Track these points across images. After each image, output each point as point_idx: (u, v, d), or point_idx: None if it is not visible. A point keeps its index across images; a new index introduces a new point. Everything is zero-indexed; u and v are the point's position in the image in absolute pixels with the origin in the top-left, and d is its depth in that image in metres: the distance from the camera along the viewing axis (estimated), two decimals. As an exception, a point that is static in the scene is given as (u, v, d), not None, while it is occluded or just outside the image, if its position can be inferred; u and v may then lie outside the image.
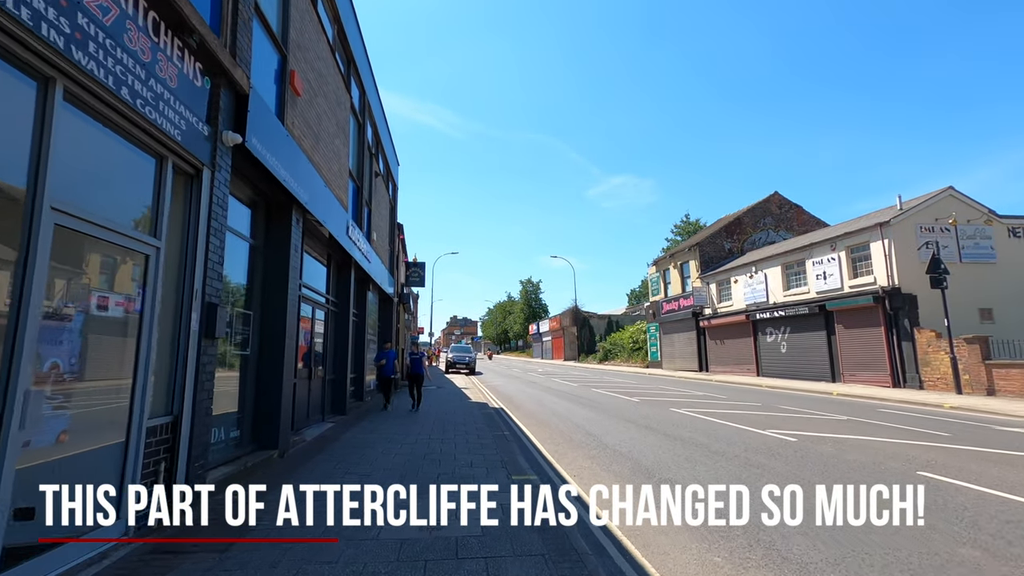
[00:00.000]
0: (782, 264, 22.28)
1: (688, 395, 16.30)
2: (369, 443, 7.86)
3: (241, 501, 3.75)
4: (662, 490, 4.58)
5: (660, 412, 12.11)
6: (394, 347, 18.65)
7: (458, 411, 12.32)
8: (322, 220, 8.39)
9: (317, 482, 4.16)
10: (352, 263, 11.60)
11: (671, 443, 8.09)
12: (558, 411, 12.79)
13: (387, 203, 16.98)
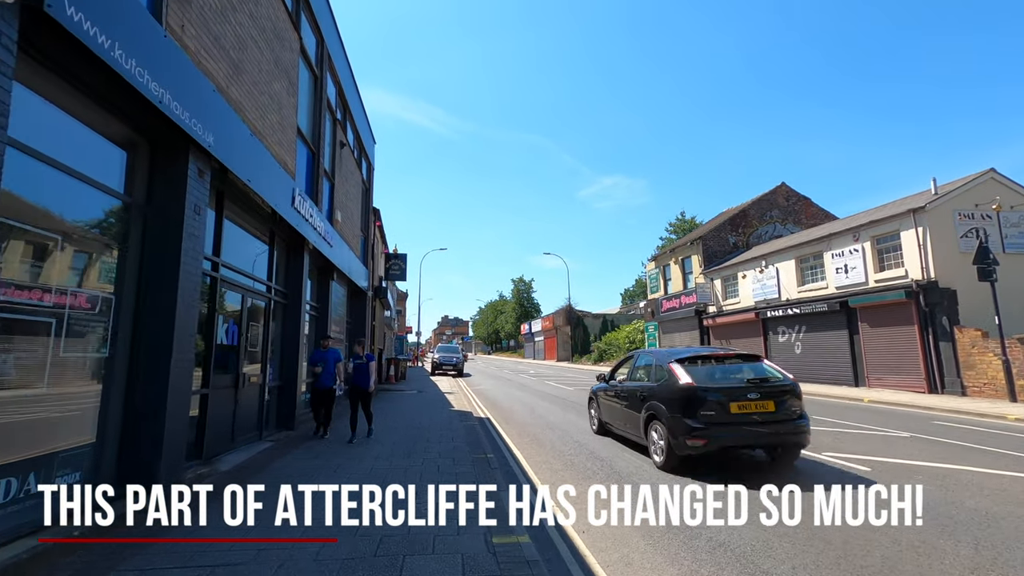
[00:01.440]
0: (796, 257, 20.48)
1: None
2: (304, 474, 5.82)
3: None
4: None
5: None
6: (369, 349, 16.61)
7: (436, 423, 10.30)
8: (248, 179, 6.35)
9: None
10: (306, 246, 9.55)
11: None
12: (554, 422, 10.82)
13: (359, 183, 14.91)
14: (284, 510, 4.01)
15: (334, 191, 11.65)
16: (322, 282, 11.82)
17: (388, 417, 11.13)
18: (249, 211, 7.56)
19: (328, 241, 10.71)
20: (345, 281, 13.70)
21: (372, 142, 17.23)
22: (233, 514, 3.93)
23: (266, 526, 4.05)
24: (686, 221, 69.31)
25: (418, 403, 14.19)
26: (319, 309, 11.66)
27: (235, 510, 3.95)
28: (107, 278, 4.63)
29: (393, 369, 22.54)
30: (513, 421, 11.40)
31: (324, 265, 11.69)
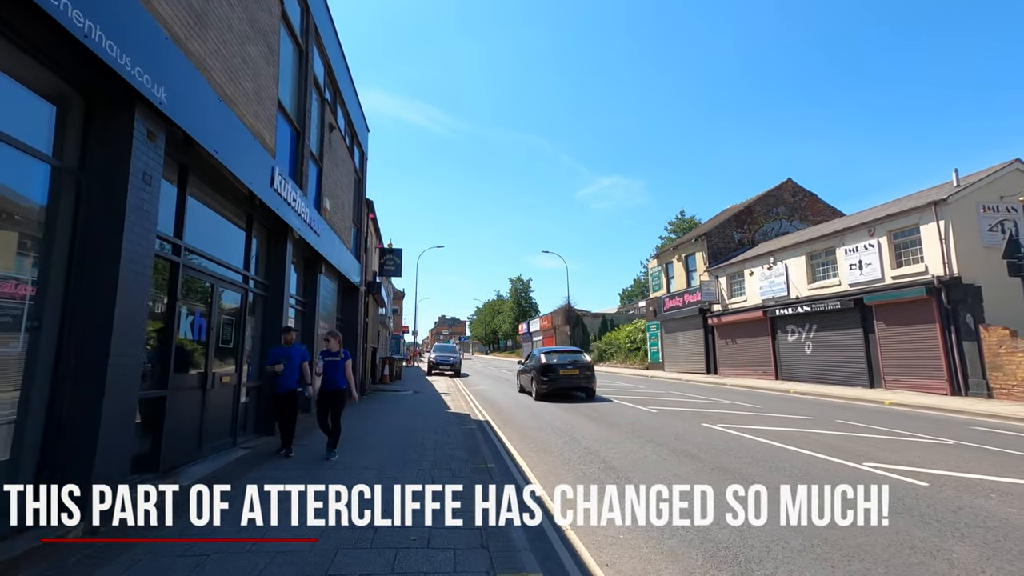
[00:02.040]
0: (806, 253, 19.73)
1: (711, 403, 13.62)
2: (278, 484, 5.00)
3: None
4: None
5: (692, 428, 9.38)
6: (363, 347, 15.80)
7: (431, 427, 9.49)
8: (214, 150, 5.52)
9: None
10: (290, 233, 8.72)
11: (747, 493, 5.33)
12: (558, 426, 10.01)
13: (350, 171, 14.07)
14: (251, 510, 3.61)
15: (322, 177, 10.81)
16: (309, 275, 10.99)
17: (381, 419, 10.30)
18: (222, 191, 6.72)
19: (315, 230, 9.87)
20: (335, 275, 12.87)
21: (366, 130, 16.40)
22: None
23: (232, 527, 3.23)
24: (686, 220, 68.67)
25: (413, 404, 13.37)
26: (306, 304, 10.82)
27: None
28: (27, 258, 3.81)
29: (388, 369, 21.72)
30: (514, 424, 10.60)
31: (311, 257, 10.86)
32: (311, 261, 10.98)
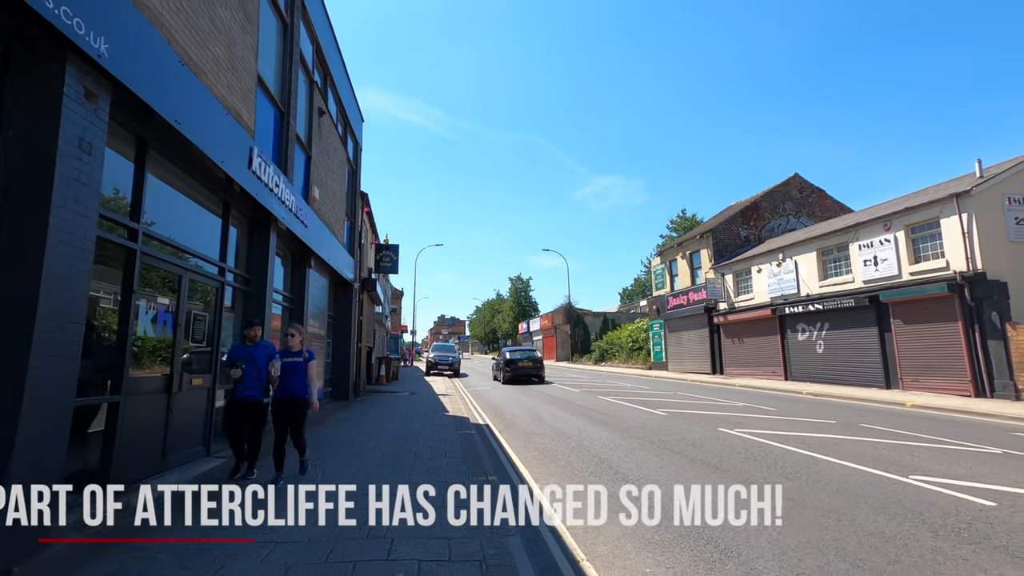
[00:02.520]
0: (818, 249, 19.03)
1: (723, 405, 12.93)
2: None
3: None
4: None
5: (708, 434, 8.68)
6: (356, 347, 15.10)
7: (427, 432, 8.80)
8: (175, 121, 4.82)
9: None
10: (274, 223, 8.03)
11: (789, 514, 4.62)
12: (565, 431, 9.32)
13: (343, 161, 13.37)
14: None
15: (311, 165, 10.11)
16: (297, 269, 10.29)
17: (374, 424, 9.60)
18: (192, 171, 6.02)
19: (302, 220, 9.17)
20: (327, 270, 12.17)
21: (360, 119, 15.69)
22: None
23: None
24: (687, 219, 68.03)
25: (409, 407, 12.67)
26: (293, 300, 10.12)
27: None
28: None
29: (384, 369, 21.03)
30: (516, 428, 9.91)
31: (300, 250, 10.17)
32: (299, 255, 10.29)
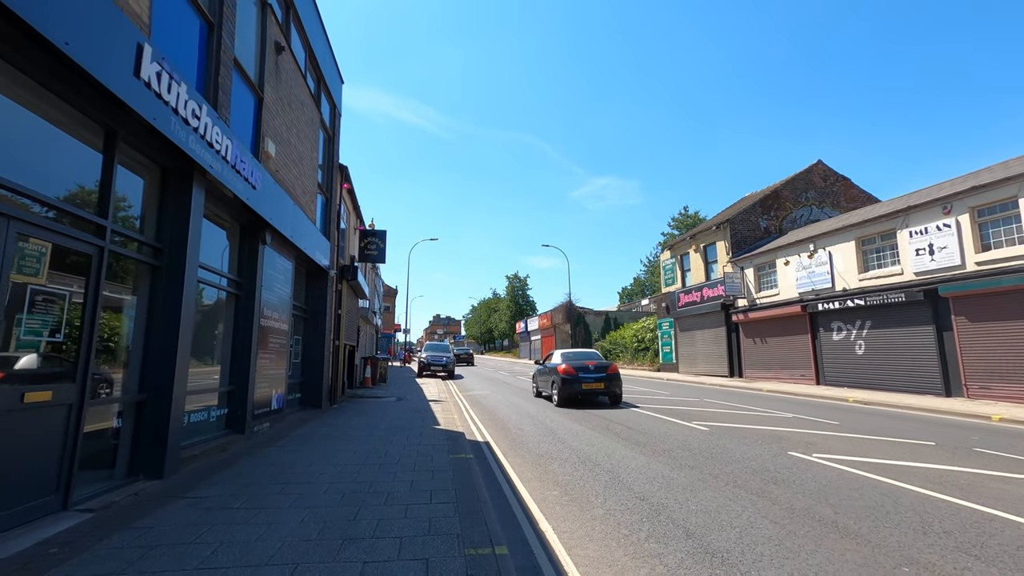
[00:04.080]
0: (857, 238, 16.97)
1: (771, 417, 10.82)
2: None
3: None
4: None
5: (781, 461, 6.55)
6: (332, 344, 12.90)
7: (410, 455, 6.63)
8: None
9: None
10: (198, 174, 5.84)
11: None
12: (589, 454, 7.17)
13: (315, 122, 11.17)
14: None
15: (263, 110, 7.90)
16: (248, 246, 8.09)
17: (345, 442, 7.40)
18: (33, 68, 3.84)
19: (248, 179, 6.98)
20: (292, 251, 9.96)
21: (338, 80, 13.49)
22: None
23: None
24: (689, 216, 66.25)
25: (394, 417, 10.49)
26: (241, 285, 7.92)
27: None
28: None
29: (370, 370, 18.81)
30: (525, 449, 7.76)
31: (251, 221, 7.97)
32: (250, 227, 8.08)
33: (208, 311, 7.28)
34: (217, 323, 7.53)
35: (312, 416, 10.56)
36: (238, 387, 7.71)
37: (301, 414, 10.75)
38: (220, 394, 7.52)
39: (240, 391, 7.72)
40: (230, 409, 7.64)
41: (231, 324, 7.78)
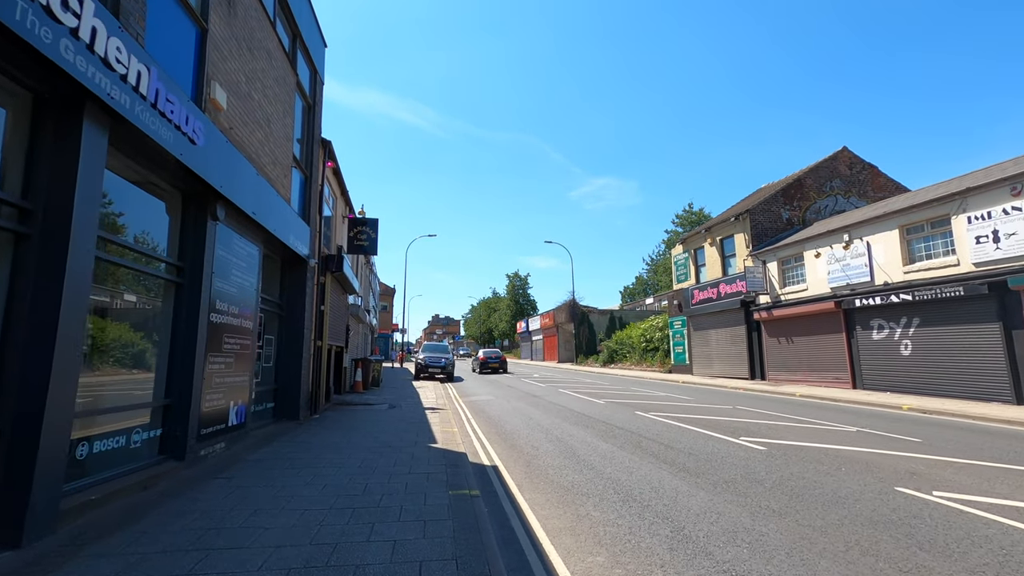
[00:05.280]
0: (901, 226, 15.28)
1: (826, 430, 9.13)
2: None
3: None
4: None
5: (897, 504, 4.85)
6: (314, 346, 11.19)
7: (397, 487, 4.94)
8: None
9: None
10: (93, 107, 4.14)
11: None
12: (630, 487, 5.46)
13: (287, 81, 9.46)
14: None
15: (207, 45, 6.18)
16: (192, 221, 6.37)
17: (313, 471, 5.66)
18: None
19: (182, 129, 5.28)
20: (259, 234, 8.25)
21: (321, 44, 11.78)
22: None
23: None
24: (694, 213, 64.65)
25: (382, 431, 8.78)
26: (185, 271, 6.22)
27: None
28: None
29: (360, 374, 17.09)
30: (545, 477, 6.07)
31: (195, 190, 6.26)
32: (195, 198, 6.37)
33: (133, 303, 5.58)
34: (148, 318, 5.83)
35: (284, 431, 8.85)
36: (178, 400, 6.00)
37: (272, 428, 9.05)
38: (153, 410, 5.82)
39: (180, 405, 6.01)
40: (166, 428, 5.93)
41: (169, 320, 6.08)
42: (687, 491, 5.43)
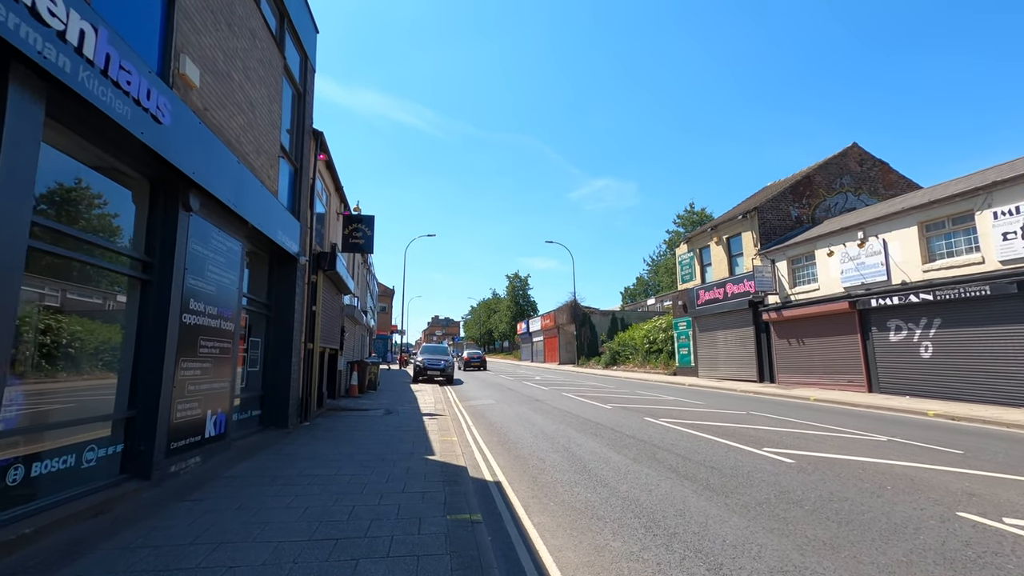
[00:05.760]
0: (920, 223, 14.65)
1: (855, 440, 8.48)
2: None
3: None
4: None
5: (967, 537, 4.19)
6: (305, 346, 10.55)
7: (386, 514, 4.28)
8: None
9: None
10: (20, 67, 3.49)
11: None
12: (651, 509, 4.80)
13: (273, 64, 8.83)
14: None
15: (174, 12, 5.54)
16: (162, 212, 5.73)
17: (299, 489, 4.99)
18: None
19: (142, 103, 4.66)
20: (240, 227, 7.59)
21: (312, 29, 11.14)
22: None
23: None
24: (696, 213, 64.04)
25: (378, 439, 8.13)
26: (154, 267, 5.58)
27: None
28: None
29: (356, 377, 16.44)
30: (554, 495, 5.41)
31: (165, 177, 5.63)
32: (165, 186, 5.73)
33: (92, 302, 4.95)
34: (109, 319, 5.19)
35: (270, 441, 8.20)
36: (143, 410, 5.36)
37: (258, 437, 8.40)
38: (114, 422, 5.17)
39: (146, 416, 5.37)
40: (129, 443, 5.28)
41: (134, 321, 5.44)
42: (717, 515, 4.78)
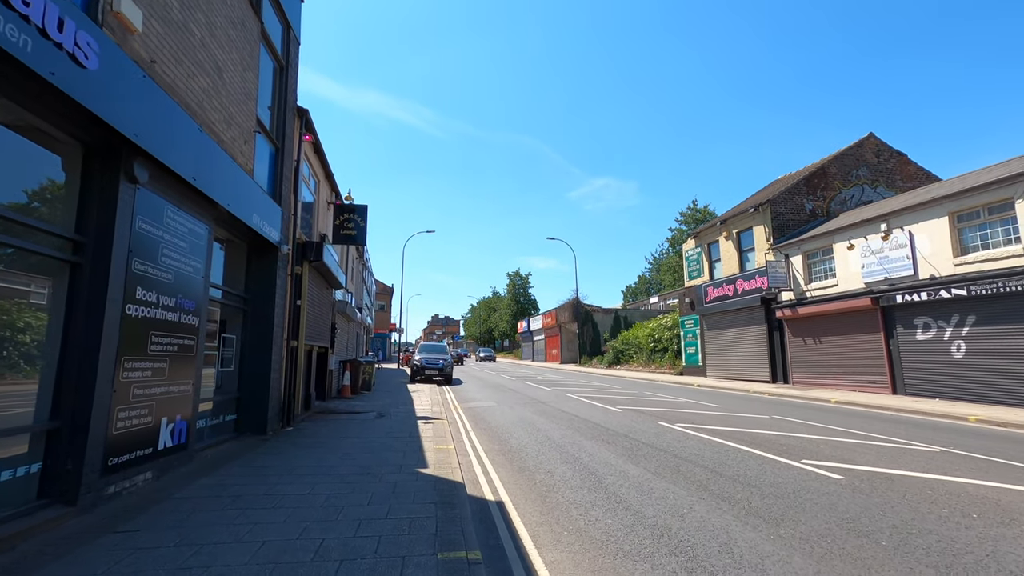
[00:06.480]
0: (951, 213, 13.70)
1: (903, 450, 7.55)
2: None
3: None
4: None
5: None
6: (287, 345, 9.61)
7: (361, 551, 3.33)
8: None
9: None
10: None
11: None
12: (687, 542, 3.85)
13: (248, 28, 7.88)
14: None
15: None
16: (99, 183, 4.78)
17: (259, 517, 4.00)
18: None
19: (55, 39, 3.73)
20: (207, 208, 6.64)
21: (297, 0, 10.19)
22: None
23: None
24: (699, 210, 63.00)
25: (365, 447, 7.19)
26: (85, 247, 4.64)
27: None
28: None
29: (349, 378, 15.50)
30: (568, 522, 4.47)
31: (103, 140, 4.68)
32: (103, 152, 4.78)
33: (2, 288, 4.02)
34: (23, 311, 4.25)
35: (243, 450, 7.27)
36: (70, 421, 4.42)
37: (230, 446, 7.47)
38: (32, 435, 4.25)
39: (73, 428, 4.43)
40: (51, 461, 4.35)
41: (60, 313, 4.50)
42: (773, 553, 3.84)
